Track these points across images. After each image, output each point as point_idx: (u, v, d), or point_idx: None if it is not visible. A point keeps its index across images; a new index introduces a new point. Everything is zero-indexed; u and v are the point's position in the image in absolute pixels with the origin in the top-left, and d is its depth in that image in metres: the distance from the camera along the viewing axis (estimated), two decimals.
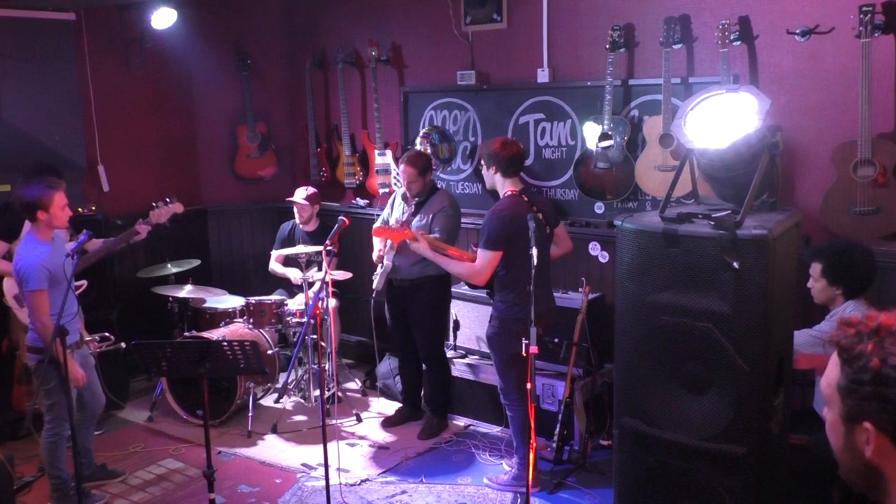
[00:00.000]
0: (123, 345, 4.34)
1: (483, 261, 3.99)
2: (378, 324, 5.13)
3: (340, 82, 5.96)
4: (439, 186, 5.06)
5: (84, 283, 4.67)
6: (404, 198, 4.92)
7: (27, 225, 4.55)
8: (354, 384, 5.78)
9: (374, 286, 4.83)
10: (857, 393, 1.24)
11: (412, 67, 5.74)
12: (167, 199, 4.60)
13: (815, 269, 3.49)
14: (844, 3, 3.88)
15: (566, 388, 4.41)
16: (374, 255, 4.86)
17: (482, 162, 4.20)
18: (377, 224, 5.00)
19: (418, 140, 5.52)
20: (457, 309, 5.13)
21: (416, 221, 4.71)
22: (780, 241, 2.79)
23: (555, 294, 4.46)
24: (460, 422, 5.08)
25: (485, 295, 4.39)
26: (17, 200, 3.91)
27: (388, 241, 4.69)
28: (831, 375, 1.30)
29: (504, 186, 4.11)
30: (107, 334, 4.36)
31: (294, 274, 5.52)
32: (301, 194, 5.64)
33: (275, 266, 5.76)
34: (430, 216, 4.70)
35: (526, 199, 4.04)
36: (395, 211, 4.98)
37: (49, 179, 3.95)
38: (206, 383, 3.41)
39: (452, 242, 4.74)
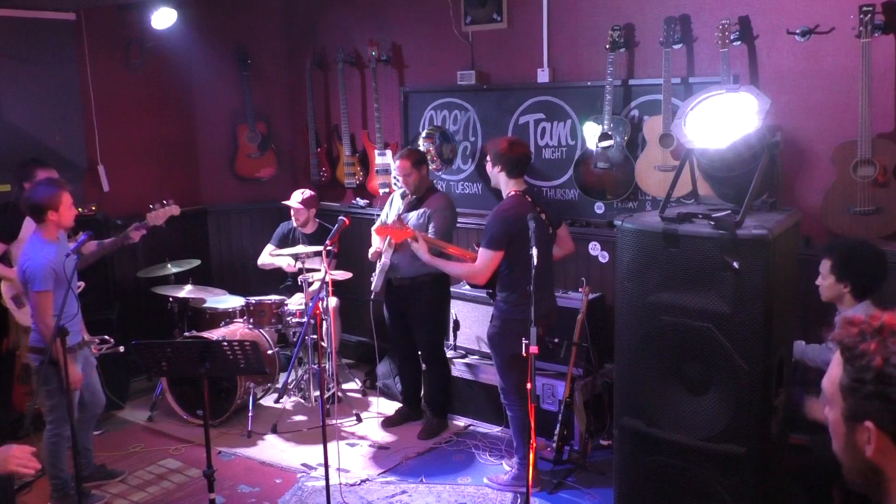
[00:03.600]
0: (122, 348, 4.33)
1: (483, 260, 4.00)
2: (378, 324, 5.13)
3: (340, 82, 5.96)
4: (439, 188, 5.05)
5: (81, 284, 4.67)
6: (403, 196, 4.93)
7: (27, 225, 4.54)
8: (354, 384, 5.78)
9: (372, 287, 4.82)
10: (859, 392, 1.24)
11: (412, 67, 5.74)
12: (164, 202, 4.61)
13: (825, 265, 3.44)
14: (844, 3, 3.88)
15: (566, 388, 4.41)
16: (371, 252, 4.85)
17: (488, 158, 4.20)
18: (377, 224, 4.99)
19: (421, 140, 5.52)
20: (457, 309, 5.12)
21: (413, 217, 4.71)
22: (780, 241, 2.79)
23: (555, 294, 4.46)
24: (460, 422, 5.08)
25: (485, 295, 4.39)
26: (27, 203, 3.89)
27: (388, 239, 4.68)
28: (834, 374, 1.30)
29: (508, 186, 4.11)
30: (106, 337, 4.36)
31: (285, 262, 5.48)
32: (297, 198, 5.60)
33: (264, 258, 5.72)
34: (428, 214, 4.70)
35: (529, 199, 4.04)
36: (393, 210, 4.98)
37: (55, 179, 3.96)
38: (206, 383, 3.42)
39: (447, 241, 4.74)
